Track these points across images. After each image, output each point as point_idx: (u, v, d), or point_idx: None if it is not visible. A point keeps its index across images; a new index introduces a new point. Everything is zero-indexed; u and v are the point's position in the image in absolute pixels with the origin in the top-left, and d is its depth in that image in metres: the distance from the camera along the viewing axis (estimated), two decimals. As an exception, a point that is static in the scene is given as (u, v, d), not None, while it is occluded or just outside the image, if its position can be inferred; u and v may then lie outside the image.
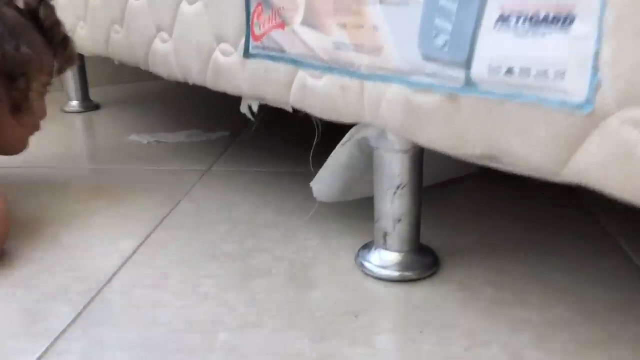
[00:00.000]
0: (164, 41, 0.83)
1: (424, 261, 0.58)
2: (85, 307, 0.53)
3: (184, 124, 1.16)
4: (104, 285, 0.57)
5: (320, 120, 0.68)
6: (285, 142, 1.06)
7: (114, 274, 0.59)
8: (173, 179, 0.86)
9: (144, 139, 1.07)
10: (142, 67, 0.92)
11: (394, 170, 0.55)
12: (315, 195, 0.66)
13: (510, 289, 0.55)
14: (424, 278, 0.57)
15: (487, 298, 0.54)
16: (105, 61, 1.09)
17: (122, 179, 0.87)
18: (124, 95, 1.48)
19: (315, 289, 0.56)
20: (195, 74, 0.76)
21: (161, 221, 0.71)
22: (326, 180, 0.65)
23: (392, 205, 0.56)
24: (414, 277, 0.57)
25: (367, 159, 0.63)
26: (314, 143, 0.67)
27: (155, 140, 1.06)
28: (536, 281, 0.56)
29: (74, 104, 1.31)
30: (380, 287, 0.56)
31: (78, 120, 1.26)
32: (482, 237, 0.66)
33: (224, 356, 0.46)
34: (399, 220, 0.56)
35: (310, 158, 0.68)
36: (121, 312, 0.52)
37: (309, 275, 0.58)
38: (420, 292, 0.55)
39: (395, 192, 0.56)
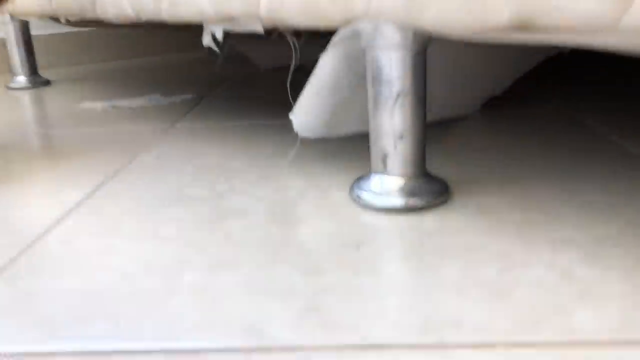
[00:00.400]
0: (112, -23, 0.72)
1: (432, 187, 0.48)
2: (13, 260, 0.42)
3: (144, 91, 1.05)
4: (40, 236, 0.46)
5: (298, 37, 0.58)
6: (257, 99, 0.95)
7: (54, 224, 0.48)
8: (130, 138, 0.75)
9: (98, 105, 0.96)
10: (90, 15, 0.80)
11: (392, 73, 0.45)
12: (296, 129, 0.56)
13: (540, 211, 0.45)
14: (434, 206, 0.47)
15: (516, 220, 0.44)
16: (58, 42, 0.98)
17: (71, 141, 0.75)
18: (79, 73, 1.36)
19: (304, 224, 0.45)
20: (150, 7, 0.66)
21: (115, 174, 0.60)
22: (308, 109, 0.55)
23: (392, 119, 0.46)
24: (423, 204, 0.47)
25: (355, 79, 0.53)
26: (291, 69, 0.57)
27: (110, 106, 0.95)
28: (566, 202, 0.47)
29: (21, 80, 1.18)
30: (383, 218, 0.46)
31: (25, 96, 1.13)
32: (491, 167, 0.56)
33: (189, 298, 0.35)
34: (401, 137, 0.46)
35: (288, 86, 0.58)
36: (60, 261, 0.41)
37: (295, 212, 0.48)
38: (433, 220, 0.45)
39: (395, 102, 0.46)
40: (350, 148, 0.64)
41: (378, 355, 0.29)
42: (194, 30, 0.71)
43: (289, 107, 0.55)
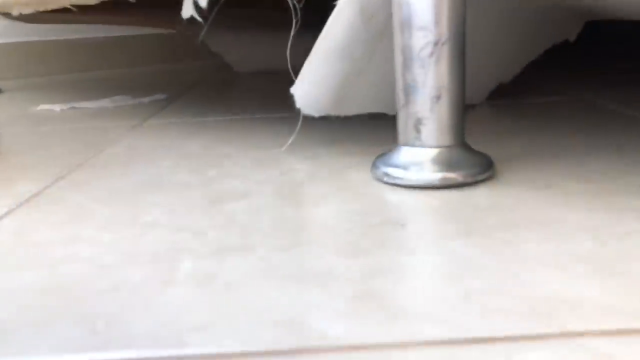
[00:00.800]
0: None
1: (476, 159, 0.40)
2: (-50, 254, 0.32)
3: (107, 94, 0.95)
4: (-13, 227, 0.36)
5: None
6: (237, 98, 0.87)
7: (2, 216, 0.38)
8: (94, 134, 0.65)
9: (56, 107, 0.85)
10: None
11: (427, 17, 0.37)
12: (298, 105, 0.47)
13: (604, 182, 0.38)
14: (479, 182, 0.39)
15: (584, 191, 0.36)
16: (6, 52, 0.88)
17: (26, 138, 0.65)
18: (33, 84, 1.24)
19: (324, 204, 0.36)
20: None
21: (79, 166, 0.50)
22: (314, 80, 0.46)
23: (428, 74, 0.38)
24: (467, 179, 0.38)
25: (369, 39, 0.44)
26: (292, 32, 0.49)
27: (70, 107, 0.84)
28: (620, 174, 0.39)
29: (-32, 86, 1.07)
30: (420, 195, 0.37)
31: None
32: (523, 146, 0.48)
33: (192, 289, 0.26)
34: (439, 96, 0.38)
35: (287, 54, 0.49)
36: (12, 254, 0.31)
37: (309, 193, 0.39)
38: (483, 194, 0.37)
39: (431, 53, 0.37)
40: (357, 133, 0.56)
41: (482, 352, 0.20)
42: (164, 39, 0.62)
43: (274, 100, 0.46)
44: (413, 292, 0.25)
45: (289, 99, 0.46)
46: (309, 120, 0.49)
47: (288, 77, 0.47)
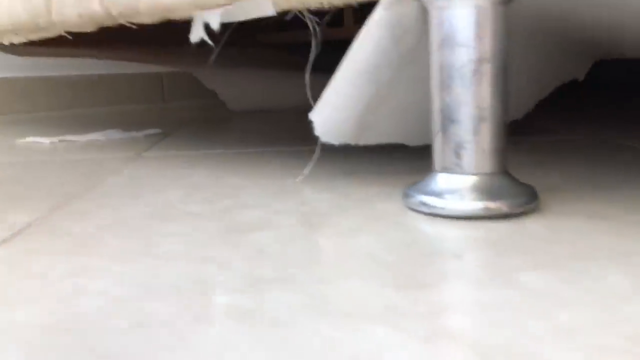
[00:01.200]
0: (74, -29, 0.60)
1: (519, 189, 0.37)
2: (-64, 286, 0.27)
3: (98, 128, 0.91)
4: (-22, 258, 0.31)
5: (320, 18, 0.47)
6: (238, 132, 0.83)
7: (-2, 245, 0.33)
8: (91, 165, 0.61)
9: (45, 140, 0.81)
10: (43, 23, 0.67)
11: (469, 34, 0.34)
12: (318, 132, 0.44)
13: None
14: (525, 213, 0.36)
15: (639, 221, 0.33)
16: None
17: (15, 169, 0.60)
18: (17, 119, 1.20)
19: (361, 235, 0.33)
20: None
21: (79, 195, 0.46)
22: (338, 104, 0.43)
23: (470, 94, 0.35)
24: (513, 209, 0.35)
25: (400, 59, 0.42)
26: (312, 55, 0.46)
27: (60, 140, 0.80)
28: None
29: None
30: (463, 225, 0.34)
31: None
32: (561, 178, 0.45)
33: (235, 327, 0.22)
34: (483, 119, 0.35)
35: (306, 77, 0.46)
36: (10, 287, 0.27)
37: (340, 223, 0.35)
38: (536, 225, 0.33)
39: (474, 71, 0.35)
40: (370, 164, 0.52)
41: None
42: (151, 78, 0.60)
43: (274, 135, 0.43)
44: (498, 329, 0.21)
45: (288, 134, 0.43)
46: (324, 152, 0.46)
47: (282, 115, 0.44)
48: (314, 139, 0.43)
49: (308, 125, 0.43)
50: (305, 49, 0.47)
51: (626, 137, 0.65)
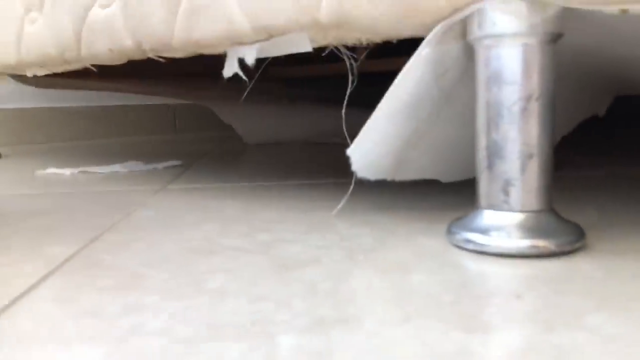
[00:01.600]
0: (105, 6, 0.60)
1: (566, 227, 0.36)
2: (-12, 323, 0.27)
3: (117, 160, 0.91)
4: (25, 293, 0.31)
5: (357, 54, 0.47)
6: (261, 165, 0.83)
7: (39, 281, 0.33)
8: (117, 197, 0.61)
9: (66, 171, 0.81)
10: (72, 58, 0.68)
11: (518, 72, 0.34)
12: (354, 167, 0.44)
13: None
14: (573, 252, 0.35)
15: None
16: (8, 119, 0.85)
17: (42, 201, 0.60)
18: (36, 149, 1.20)
19: (412, 273, 0.32)
20: (158, 25, 0.54)
21: (111, 228, 0.45)
22: (376, 140, 0.43)
23: (518, 131, 0.35)
24: (561, 248, 0.35)
25: (441, 96, 0.42)
26: (348, 92, 0.46)
27: (81, 171, 0.80)
28: None
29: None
30: (512, 263, 0.33)
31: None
32: (599, 215, 0.45)
33: (308, 369, 0.21)
34: (531, 156, 0.35)
35: (343, 115, 0.46)
36: (65, 325, 0.26)
37: (387, 259, 0.35)
38: (589, 264, 0.33)
39: (524, 109, 0.35)
40: (404, 199, 0.52)
41: None
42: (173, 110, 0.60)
43: (295, 169, 0.43)
44: (581, 375, 0.20)
45: (305, 166, 0.43)
46: (348, 185, 0.45)
47: (291, 147, 0.44)
48: (334, 172, 0.43)
49: (325, 157, 0.42)
50: (308, 83, 0.47)
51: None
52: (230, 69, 0.51)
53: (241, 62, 0.51)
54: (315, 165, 0.73)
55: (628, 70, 0.61)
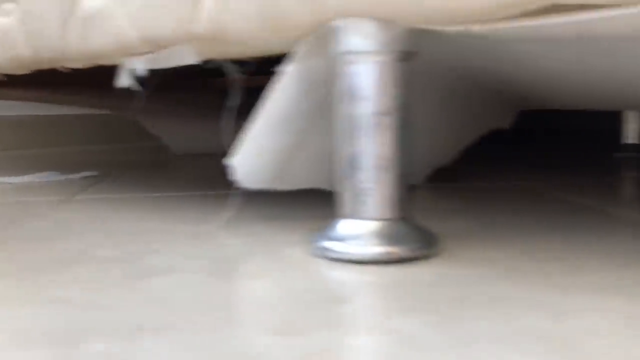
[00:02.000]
0: (5, 14, 0.60)
1: (420, 234, 0.38)
2: None
3: (32, 170, 0.90)
4: None
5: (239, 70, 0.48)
6: (172, 176, 0.83)
7: None
8: (16, 208, 0.60)
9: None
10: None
11: (371, 87, 0.36)
12: (236, 177, 0.44)
13: (548, 260, 0.36)
14: (425, 257, 0.37)
15: (528, 270, 0.34)
16: None
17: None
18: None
19: (259, 281, 0.33)
20: (53, 37, 0.54)
21: (-9, 239, 0.45)
22: (255, 151, 0.44)
23: (374, 143, 0.36)
24: (410, 254, 0.36)
25: (313, 109, 0.43)
26: (231, 103, 0.47)
27: (-9, 182, 0.79)
28: (579, 253, 0.38)
29: None
30: (361, 270, 0.34)
31: None
32: (466, 225, 0.47)
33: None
34: (385, 168, 0.36)
35: (222, 127, 0.47)
36: None
37: (243, 269, 0.36)
38: (428, 270, 0.34)
39: (378, 123, 0.36)
40: (296, 208, 0.53)
41: None
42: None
43: (211, 179, 0.44)
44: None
45: (227, 178, 0.44)
46: (250, 196, 0.46)
47: (223, 158, 0.44)
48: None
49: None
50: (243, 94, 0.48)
51: (553, 185, 0.68)
52: (123, 79, 0.52)
53: (190, 74, 0.51)
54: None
55: (523, 87, 0.63)
